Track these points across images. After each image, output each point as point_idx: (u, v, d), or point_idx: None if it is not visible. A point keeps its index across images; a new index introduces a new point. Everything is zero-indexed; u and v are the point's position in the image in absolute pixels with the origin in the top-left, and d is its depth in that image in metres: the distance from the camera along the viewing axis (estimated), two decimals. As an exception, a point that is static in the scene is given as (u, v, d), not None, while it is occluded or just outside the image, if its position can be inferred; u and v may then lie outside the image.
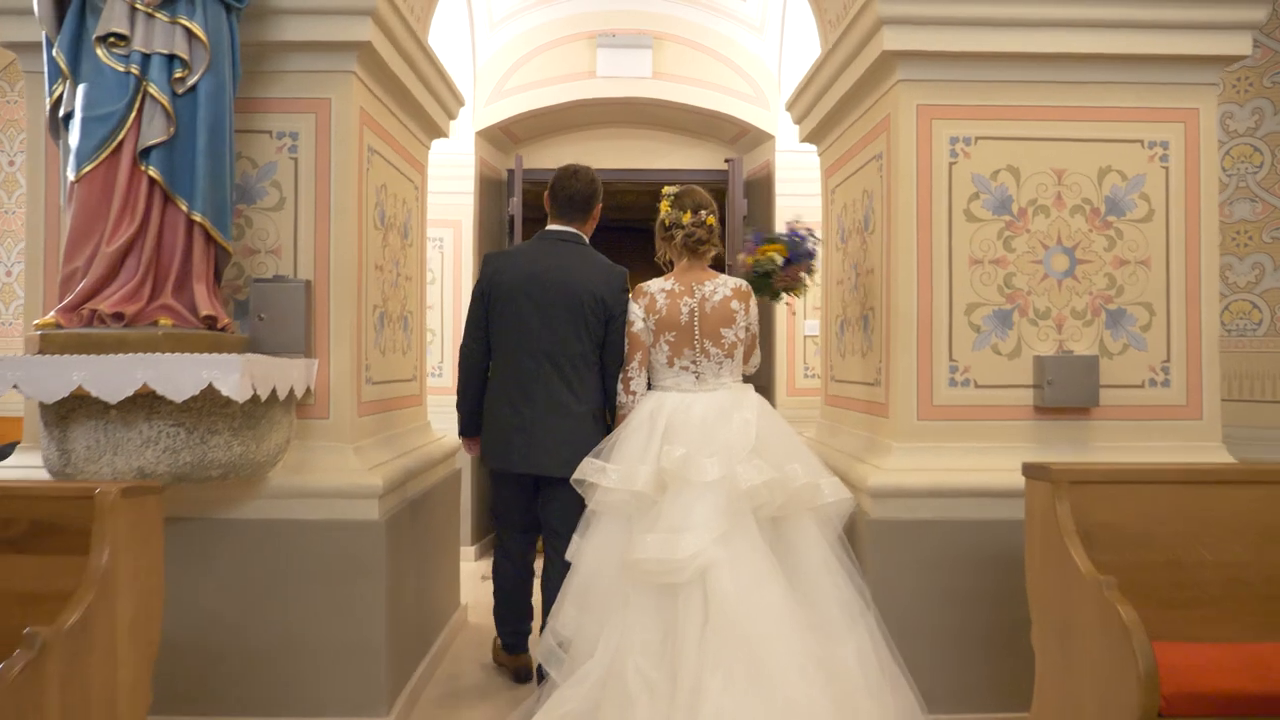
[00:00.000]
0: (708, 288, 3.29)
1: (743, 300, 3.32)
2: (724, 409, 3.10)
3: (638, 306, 3.32)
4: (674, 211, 3.34)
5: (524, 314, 3.46)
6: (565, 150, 6.80)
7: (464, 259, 6.20)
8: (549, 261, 3.51)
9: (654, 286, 3.31)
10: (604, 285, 3.45)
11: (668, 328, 3.24)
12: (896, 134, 3.52)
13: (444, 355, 6.18)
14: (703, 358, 3.22)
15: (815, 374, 6.23)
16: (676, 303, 3.25)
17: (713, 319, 3.24)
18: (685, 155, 6.83)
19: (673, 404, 3.14)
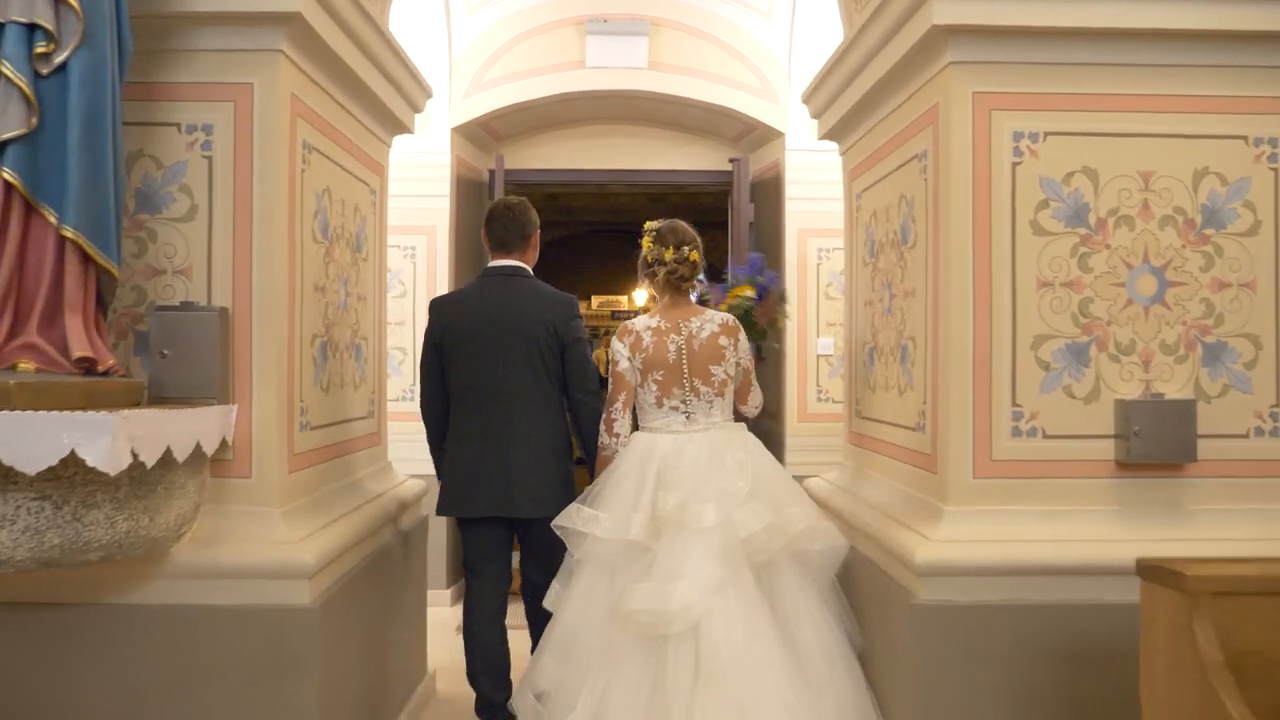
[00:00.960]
0: (694, 324, 3.14)
1: (731, 336, 3.17)
2: (717, 450, 3.00)
3: (623, 345, 3.16)
4: (656, 248, 3.18)
5: (480, 355, 3.31)
6: (551, 149, 6.15)
7: (439, 269, 5.54)
8: (497, 299, 3.36)
9: (639, 324, 3.16)
10: (553, 314, 3.33)
11: (655, 367, 3.10)
12: (947, 129, 2.87)
13: (416, 377, 5.51)
14: (693, 397, 3.08)
15: (830, 397, 5.58)
16: (663, 341, 3.11)
17: (701, 356, 3.10)
18: (684, 155, 6.17)
19: (663, 447, 3.02)
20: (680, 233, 3.22)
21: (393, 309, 5.50)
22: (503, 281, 3.40)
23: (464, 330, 3.33)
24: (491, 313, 3.32)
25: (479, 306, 3.35)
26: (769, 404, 5.92)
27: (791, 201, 5.60)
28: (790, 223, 5.59)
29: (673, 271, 3.16)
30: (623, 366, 3.16)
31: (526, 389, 3.29)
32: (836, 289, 5.58)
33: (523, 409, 3.29)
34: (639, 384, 3.13)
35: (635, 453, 3.05)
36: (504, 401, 3.28)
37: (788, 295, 3.49)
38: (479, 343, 3.30)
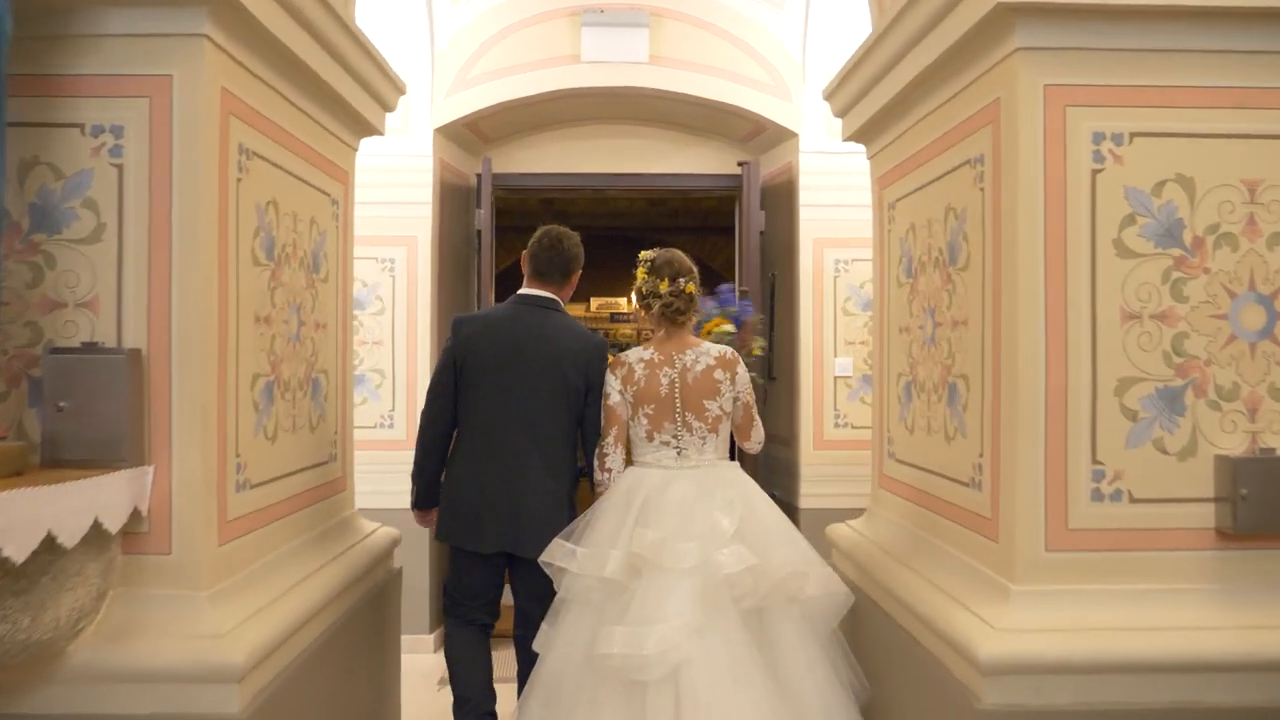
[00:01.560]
0: (689, 357, 3.00)
1: (727, 370, 3.01)
2: (705, 487, 2.88)
3: (614, 378, 3.06)
4: (650, 280, 3.05)
5: (504, 384, 3.10)
6: (543, 151, 5.65)
7: (419, 283, 5.04)
8: (530, 329, 3.15)
9: (632, 356, 3.04)
10: (585, 356, 3.12)
11: (647, 400, 2.99)
12: (1011, 129, 2.37)
13: (395, 402, 5.02)
14: (685, 432, 2.97)
15: (849, 422, 5.09)
16: (656, 374, 2.99)
17: (695, 390, 2.97)
18: (688, 157, 5.67)
19: (651, 482, 2.90)
20: (676, 264, 3.07)
21: (370, 327, 5.01)
22: (538, 312, 3.19)
23: (490, 355, 3.12)
24: (523, 342, 3.12)
25: (510, 333, 3.14)
26: (781, 430, 5.44)
27: (806, 209, 5.10)
28: (805, 232, 5.10)
29: (668, 305, 3.02)
30: (614, 400, 3.03)
31: (547, 425, 3.11)
32: (856, 304, 5.09)
33: (542, 445, 3.10)
34: (630, 417, 3.02)
35: (622, 487, 2.94)
36: (523, 435, 3.09)
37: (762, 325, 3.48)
38: (506, 371, 3.10)
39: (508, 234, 10.70)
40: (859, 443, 5.06)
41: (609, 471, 3.02)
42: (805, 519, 5.04)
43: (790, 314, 5.27)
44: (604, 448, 3.04)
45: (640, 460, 3.02)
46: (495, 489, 3.06)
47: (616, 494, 2.92)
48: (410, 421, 5.00)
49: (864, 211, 5.14)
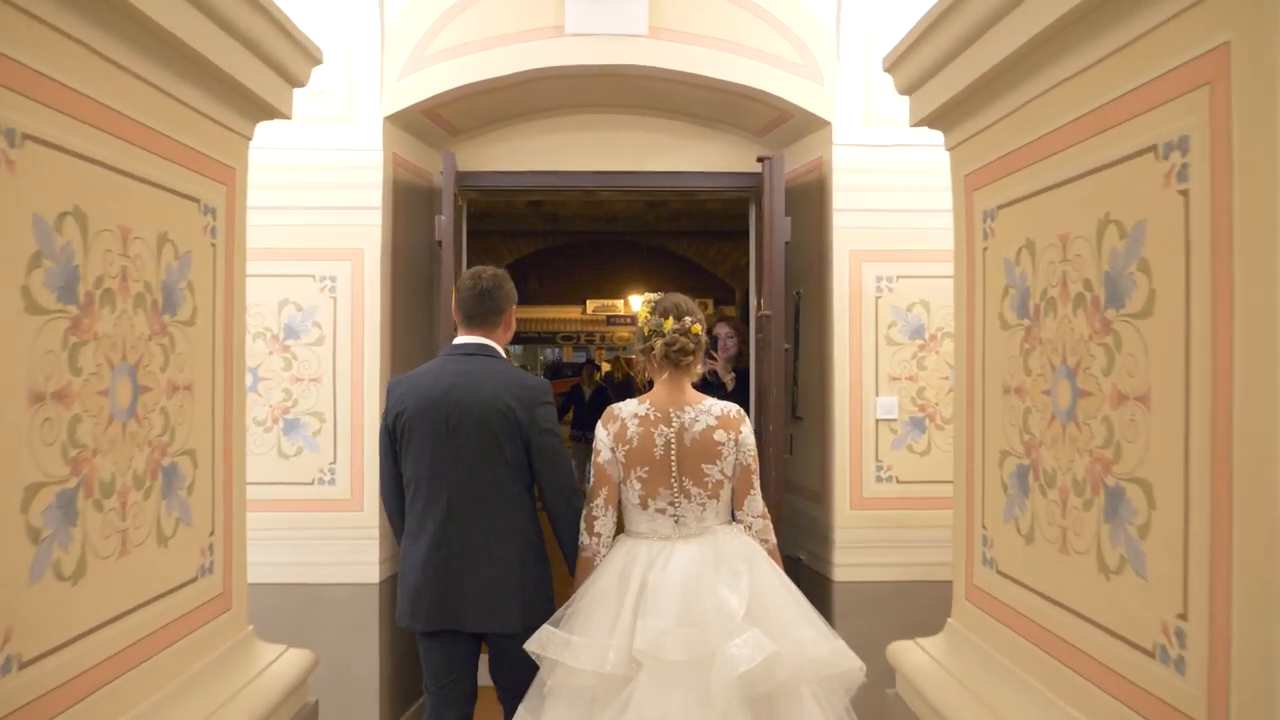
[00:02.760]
0: (688, 415, 2.69)
1: (730, 430, 2.69)
2: (708, 560, 2.56)
3: (605, 433, 2.74)
4: (654, 318, 2.77)
5: (434, 446, 2.83)
6: (523, 146, 4.68)
7: (368, 304, 4.06)
8: (454, 380, 2.86)
9: (625, 410, 2.73)
10: (514, 397, 2.82)
11: (639, 461, 2.67)
12: (1250, 95, 1.42)
13: (337, 452, 4.05)
14: (682, 499, 2.65)
15: (894, 476, 4.12)
16: (650, 432, 2.67)
17: (693, 453, 2.66)
18: (695, 153, 4.70)
19: (647, 556, 2.60)
20: (681, 304, 2.79)
21: (305, 360, 4.04)
22: (465, 362, 2.91)
23: (415, 415, 2.84)
24: (446, 396, 2.83)
25: (433, 388, 2.85)
26: (810, 482, 4.48)
27: (841, 214, 4.14)
28: (839, 242, 4.14)
29: (671, 343, 2.69)
30: (604, 458, 2.72)
31: (482, 485, 2.80)
32: (902, 331, 4.13)
33: (478, 507, 2.80)
34: (622, 479, 2.70)
35: (616, 563, 2.64)
36: (456, 498, 2.80)
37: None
38: (431, 430, 2.82)
39: (491, 239, 9.76)
40: (907, 501, 4.11)
41: (598, 536, 2.70)
42: (841, 595, 4.08)
43: (820, 341, 4.30)
44: (593, 510, 2.71)
45: (634, 529, 2.69)
46: (431, 561, 2.79)
47: (610, 571, 2.60)
48: (356, 476, 4.04)
49: (915, 218, 4.22)
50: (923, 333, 4.12)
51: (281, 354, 4.02)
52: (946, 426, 4.10)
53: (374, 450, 4.00)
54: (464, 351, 2.91)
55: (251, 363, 3.98)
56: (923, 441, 4.12)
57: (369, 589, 4.00)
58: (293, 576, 3.97)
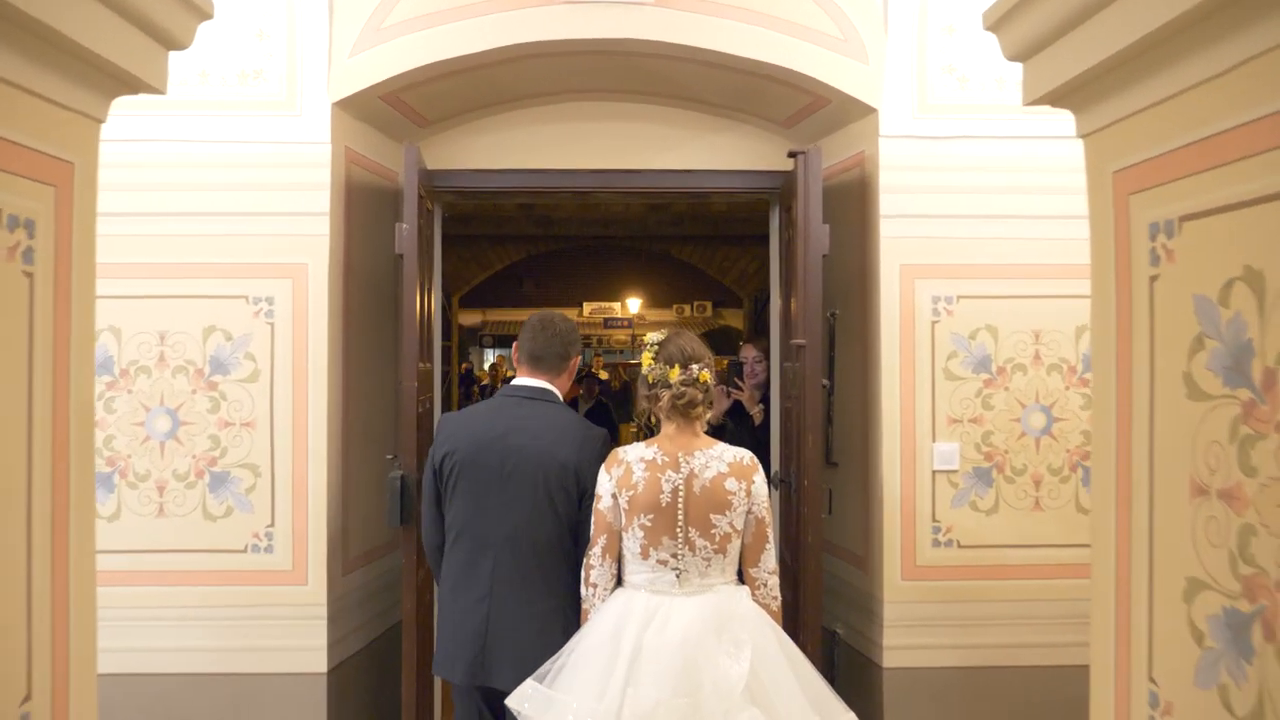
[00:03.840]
0: (698, 460, 2.47)
1: (743, 479, 2.47)
2: (708, 623, 2.36)
3: (608, 477, 2.51)
4: (658, 366, 2.54)
5: (482, 491, 2.65)
6: (507, 139, 3.93)
7: (313, 332, 3.31)
8: (510, 424, 2.68)
9: (631, 454, 2.51)
10: (576, 451, 2.64)
11: (644, 508, 2.44)
12: None
13: (275, 513, 3.29)
14: (686, 551, 2.43)
15: (954, 540, 3.38)
16: (657, 477, 2.45)
17: (702, 501, 2.44)
18: (710, 148, 3.96)
19: (643, 613, 2.40)
20: (688, 349, 2.57)
21: (239, 400, 3.30)
22: (525, 406, 2.74)
23: (466, 458, 2.68)
24: (497, 440, 2.67)
25: (489, 432, 2.69)
26: (849, 544, 3.73)
27: (889, 221, 3.39)
28: (887, 254, 3.39)
29: (679, 396, 2.49)
30: (605, 503, 2.51)
31: (531, 538, 2.64)
32: (965, 363, 3.38)
33: (525, 561, 2.65)
34: (623, 527, 2.49)
35: (609, 618, 2.42)
36: (503, 551, 2.65)
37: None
38: (482, 476, 2.67)
39: (478, 244, 8.98)
40: (971, 570, 3.37)
41: (594, 588, 2.52)
42: (892, 683, 3.34)
43: (862, 375, 3.56)
44: (590, 559, 2.53)
45: (631, 581, 2.50)
46: (470, 612, 2.66)
47: (603, 626, 2.43)
48: (299, 542, 3.29)
49: (980, 225, 3.41)
50: (989, 365, 3.38)
51: (207, 393, 3.27)
52: (1018, 479, 3.37)
53: (321, 511, 3.29)
54: (524, 394, 2.74)
55: (171, 403, 3.24)
56: (989, 497, 3.38)
57: (315, 680, 3.26)
58: (220, 665, 3.24)
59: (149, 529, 3.26)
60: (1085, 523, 3.39)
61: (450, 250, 8.80)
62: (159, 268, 3.26)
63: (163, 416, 3.26)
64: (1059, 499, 3.39)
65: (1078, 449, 3.39)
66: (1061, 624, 3.34)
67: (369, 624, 3.60)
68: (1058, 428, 3.39)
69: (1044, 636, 3.35)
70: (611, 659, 2.33)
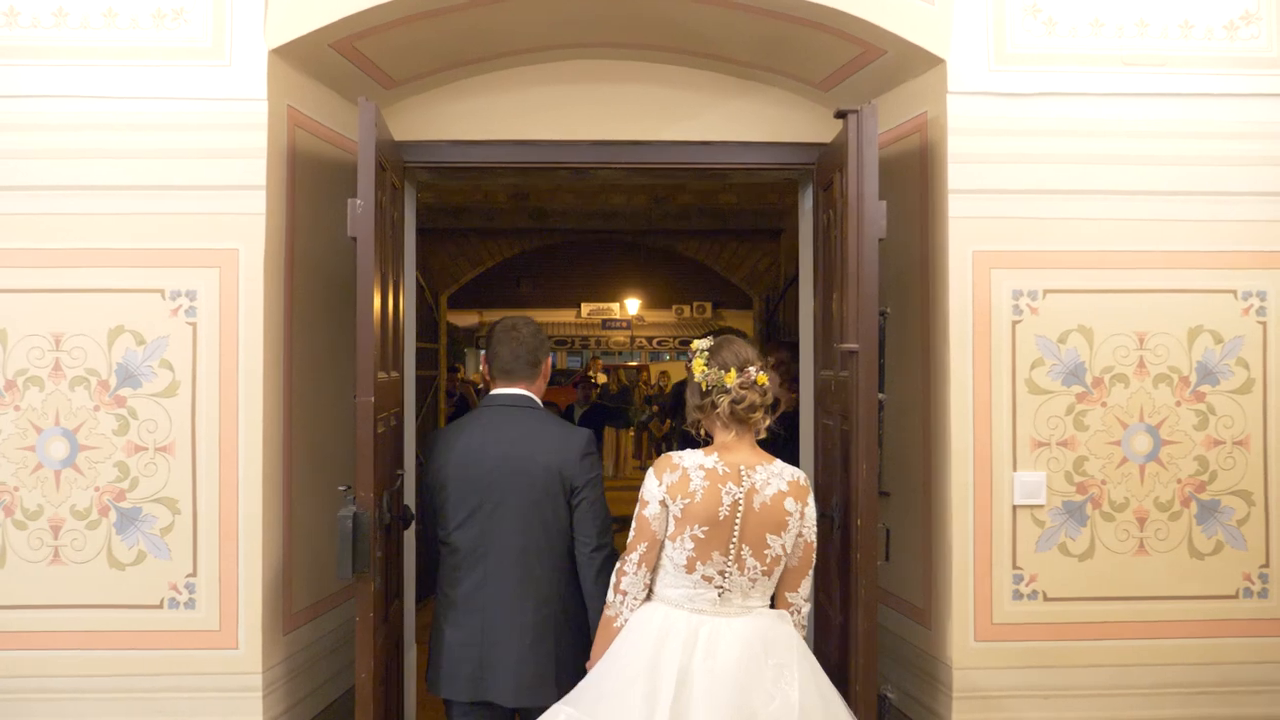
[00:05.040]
0: (759, 475, 2.31)
1: (800, 500, 2.33)
2: (756, 649, 2.24)
3: (657, 484, 2.32)
4: (713, 372, 2.36)
5: (468, 505, 2.59)
6: (490, 105, 3.28)
7: (245, 334, 2.64)
8: (492, 435, 2.62)
9: (689, 460, 2.33)
10: (559, 454, 2.58)
11: (700, 519, 2.28)
12: None
13: (199, 559, 2.63)
14: (735, 569, 2.29)
15: (1039, 590, 2.72)
16: (717, 489, 2.29)
17: (760, 519, 2.29)
18: (731, 116, 3.31)
19: (686, 634, 2.24)
20: (739, 349, 2.39)
21: (153, 418, 2.64)
22: (502, 415, 2.65)
23: (453, 474, 2.60)
24: (484, 454, 2.59)
25: (470, 445, 2.61)
26: (907, 593, 3.04)
27: (959, 198, 2.73)
28: (957, 239, 2.73)
29: (739, 401, 2.31)
30: (652, 510, 2.32)
31: (519, 549, 2.57)
32: (1054, 373, 2.73)
33: (514, 573, 2.57)
34: (669, 536, 2.31)
35: (646, 640, 2.25)
36: (493, 564, 2.57)
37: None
38: (468, 491, 2.59)
39: (469, 238, 8.29)
40: (1062, 628, 2.73)
41: (623, 595, 2.32)
42: (963, 769, 2.68)
43: (923, 386, 2.91)
44: (625, 565, 2.33)
45: (665, 595, 2.31)
46: (467, 625, 2.58)
47: (639, 651, 2.23)
48: (228, 595, 2.63)
49: (1073, 203, 2.72)
50: (1082, 375, 2.73)
51: (113, 410, 2.62)
52: (1118, 515, 2.72)
53: (255, 555, 2.65)
54: (503, 403, 2.68)
55: (68, 423, 2.59)
56: (1083, 538, 2.73)
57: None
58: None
59: (41, 579, 2.60)
60: (1200, 569, 2.74)
61: (438, 245, 8.13)
62: (53, 255, 2.60)
63: (58, 439, 2.60)
64: (1168, 540, 2.73)
65: (1191, 479, 2.74)
66: (1174, 695, 2.69)
67: (318, 693, 2.93)
68: (1166, 453, 2.74)
69: (1151, 711, 2.70)
70: (651, 690, 2.19)
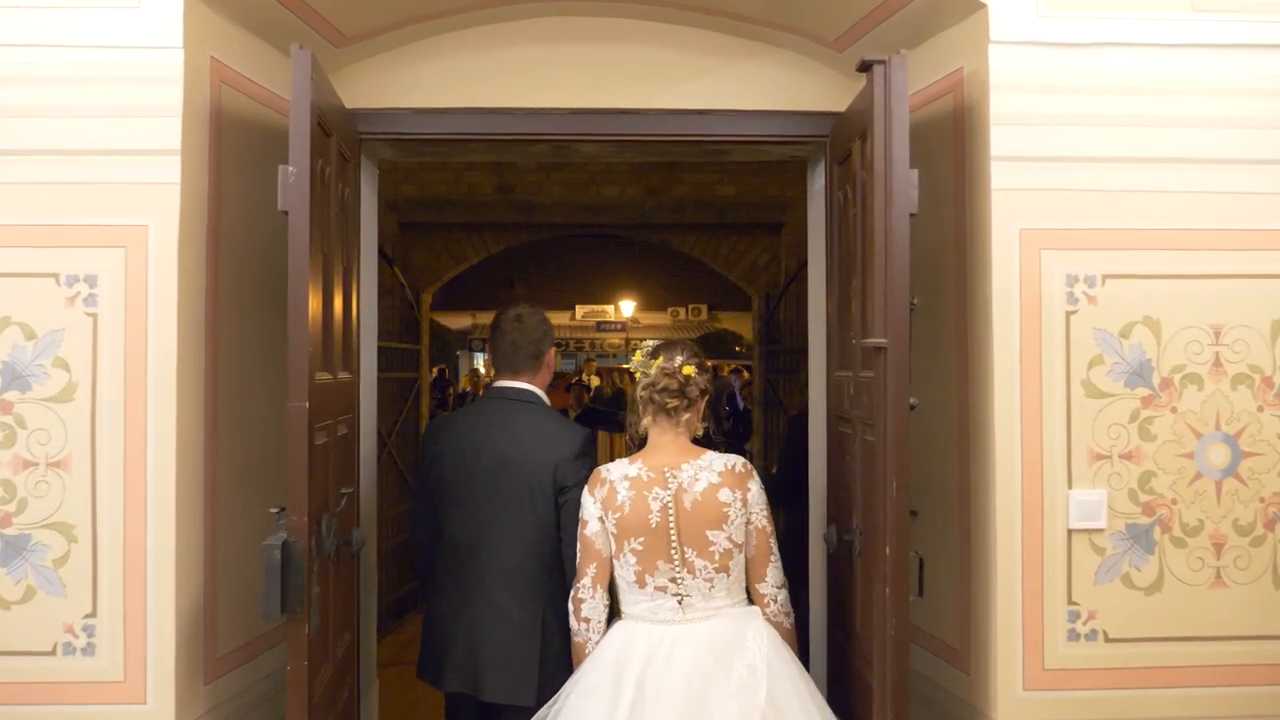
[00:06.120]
0: (685, 473, 2.26)
1: (736, 487, 2.25)
2: (718, 652, 2.16)
3: (592, 500, 2.31)
4: (644, 359, 2.36)
5: (463, 499, 2.58)
6: (457, 67, 2.85)
7: (155, 327, 2.20)
8: (492, 428, 2.60)
9: (614, 472, 2.30)
10: (554, 450, 2.52)
11: (633, 531, 2.23)
12: None
13: (101, 595, 2.18)
14: (685, 573, 2.22)
15: (1099, 629, 2.28)
16: (644, 496, 2.24)
17: (695, 518, 2.22)
18: (733, 80, 2.88)
19: (646, 647, 2.19)
20: (676, 346, 2.37)
21: (44, 427, 2.21)
22: (503, 406, 2.64)
23: (450, 464, 2.60)
24: (479, 445, 2.57)
25: (469, 436, 2.60)
26: (942, 632, 2.60)
27: (1004, 167, 2.30)
28: (1001, 216, 2.30)
29: (654, 384, 2.28)
30: (592, 529, 2.29)
31: (511, 544, 2.52)
32: (1113, 372, 2.30)
33: (504, 568, 2.52)
34: (614, 554, 2.26)
35: (608, 655, 2.21)
36: (485, 557, 2.53)
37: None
38: (465, 484, 2.57)
39: (452, 233, 7.83)
40: (1127, 675, 2.30)
41: (586, 621, 2.28)
42: (1011, 844, 2.24)
43: (955, 387, 2.48)
44: (579, 591, 2.29)
45: (630, 612, 2.26)
46: (456, 619, 2.57)
47: (601, 664, 2.20)
48: (135, 638, 2.19)
49: (1138, 173, 2.20)
50: (1149, 375, 2.30)
51: (-3, 417, 2.17)
52: (1191, 541, 2.29)
53: (167, 591, 2.20)
54: (504, 396, 2.65)
55: (-57, 433, 2.13)
56: (1150, 567, 2.30)
57: None
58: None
59: (-90, 620, 2.16)
60: (1288, 604, 2.31)
61: (420, 240, 7.66)
62: (-75, 231, 2.16)
63: (-69, 452, 2.15)
64: (1250, 570, 2.31)
65: (1276, 497, 2.31)
66: (1259, 755, 2.26)
67: (250, 750, 2.49)
68: (1247, 467, 2.31)
69: (1231, 772, 2.27)
70: (612, 701, 2.13)
